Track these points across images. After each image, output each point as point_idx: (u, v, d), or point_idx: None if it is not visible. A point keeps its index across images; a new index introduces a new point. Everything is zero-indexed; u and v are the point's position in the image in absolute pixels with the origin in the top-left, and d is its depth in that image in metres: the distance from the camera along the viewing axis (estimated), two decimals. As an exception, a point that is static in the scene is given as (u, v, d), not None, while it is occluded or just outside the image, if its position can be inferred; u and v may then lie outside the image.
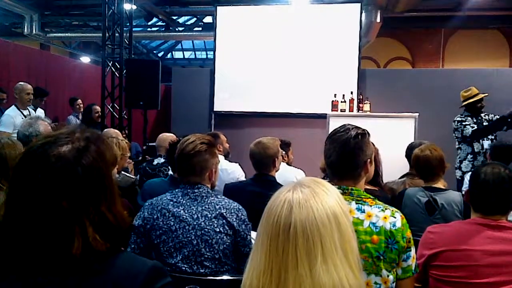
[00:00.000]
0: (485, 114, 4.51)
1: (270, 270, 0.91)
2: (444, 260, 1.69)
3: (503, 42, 9.51)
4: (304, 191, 0.94)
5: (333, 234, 0.91)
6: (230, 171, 3.47)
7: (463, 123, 4.44)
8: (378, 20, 7.59)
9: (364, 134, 1.63)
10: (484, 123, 4.42)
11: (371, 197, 1.61)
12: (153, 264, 0.96)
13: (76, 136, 0.94)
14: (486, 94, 4.50)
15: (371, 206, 1.56)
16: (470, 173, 2.71)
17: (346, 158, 1.59)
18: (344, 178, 1.61)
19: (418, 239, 1.83)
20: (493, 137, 4.40)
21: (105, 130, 4.01)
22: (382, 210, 1.55)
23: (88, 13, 9.18)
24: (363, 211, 1.55)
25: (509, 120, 4.14)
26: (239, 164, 3.57)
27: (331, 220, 0.92)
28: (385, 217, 1.53)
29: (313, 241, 0.89)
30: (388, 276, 1.51)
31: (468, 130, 4.36)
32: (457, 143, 4.58)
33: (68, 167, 0.90)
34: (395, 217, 1.54)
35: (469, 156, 4.44)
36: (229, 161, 3.64)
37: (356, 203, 1.56)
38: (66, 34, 9.80)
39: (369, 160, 1.63)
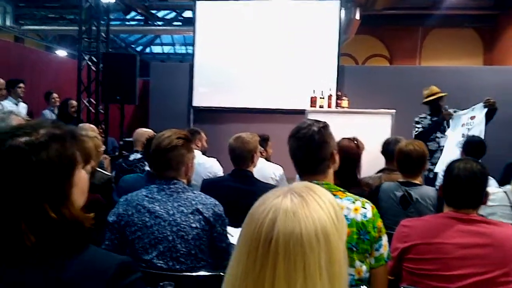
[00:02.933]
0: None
1: (244, 286, 0.78)
2: (417, 253, 1.72)
3: (477, 41, 9.71)
4: (294, 200, 0.80)
5: (320, 255, 0.76)
6: (208, 165, 3.45)
7: (416, 125, 4.56)
8: (357, 17, 7.66)
9: (325, 126, 1.66)
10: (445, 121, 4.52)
11: (341, 189, 1.64)
12: (122, 259, 0.95)
13: (40, 131, 0.93)
14: (445, 94, 4.57)
15: (341, 198, 1.59)
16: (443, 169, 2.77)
17: (314, 154, 1.62)
18: (314, 173, 1.64)
19: (393, 232, 1.86)
20: (442, 136, 4.50)
21: (81, 125, 3.94)
22: (353, 201, 1.58)
23: (64, 5, 8.99)
24: None
25: (444, 123, 4.39)
26: (218, 160, 3.56)
27: (320, 238, 0.77)
28: (356, 209, 1.57)
29: (295, 261, 0.75)
30: (361, 266, 1.55)
31: (415, 133, 4.51)
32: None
33: (18, 158, 0.89)
34: (365, 208, 1.58)
35: (433, 153, 4.53)
36: (207, 156, 3.63)
37: None
38: (42, 27, 9.58)
39: (335, 151, 1.66)
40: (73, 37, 10.72)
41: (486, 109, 4.25)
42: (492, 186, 2.83)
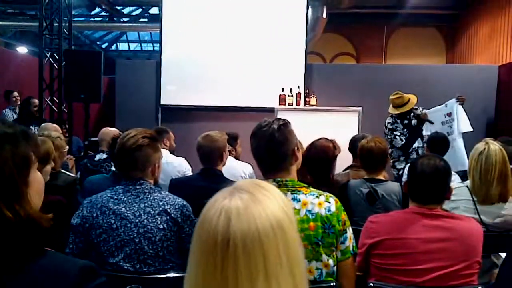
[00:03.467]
0: (412, 114, 4.64)
1: None
2: (384, 249, 1.74)
3: (440, 40, 10.00)
4: (243, 197, 0.79)
5: (278, 246, 0.77)
6: (176, 164, 3.41)
7: (394, 133, 4.60)
8: (324, 15, 7.74)
9: (285, 124, 1.66)
10: (413, 121, 4.61)
11: (305, 185, 1.67)
12: (84, 263, 0.92)
13: None
14: (416, 108, 4.63)
15: (305, 194, 1.62)
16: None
17: (275, 152, 1.63)
18: (277, 171, 1.65)
19: (361, 228, 1.88)
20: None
21: (43, 124, 3.81)
22: (317, 196, 1.62)
23: (24, 0, 8.66)
24: (299, 200, 1.61)
25: (421, 129, 4.50)
26: (186, 159, 3.52)
27: (275, 229, 0.77)
28: (319, 203, 1.60)
29: (255, 258, 0.75)
30: (328, 260, 1.58)
31: (398, 143, 4.55)
32: (388, 144, 4.77)
33: None
34: (329, 202, 1.61)
35: (401, 157, 4.64)
36: (176, 155, 3.58)
37: (292, 193, 1.62)
38: (0, 23, 9.19)
39: (296, 148, 1.67)
40: (34, 34, 10.37)
41: (460, 105, 4.35)
42: (455, 182, 2.92)
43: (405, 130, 4.60)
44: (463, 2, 8.61)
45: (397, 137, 4.59)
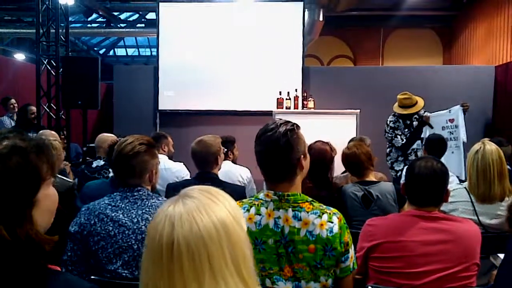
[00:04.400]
0: (416, 116, 4.67)
1: None
2: (382, 252, 1.74)
3: (437, 41, 10.02)
4: (187, 203, 0.83)
5: (223, 246, 0.80)
6: (175, 170, 3.41)
7: (395, 131, 4.64)
8: (321, 18, 7.76)
9: (293, 129, 1.53)
10: (414, 122, 4.63)
11: (308, 200, 1.55)
12: (89, 287, 0.92)
13: (3, 142, 0.87)
14: (422, 112, 4.66)
15: (308, 212, 1.50)
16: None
17: (279, 160, 1.50)
18: (279, 181, 1.54)
19: (359, 232, 1.88)
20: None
21: (41, 131, 3.80)
22: (319, 216, 1.49)
23: (21, 7, 8.67)
24: (300, 219, 1.49)
25: (421, 130, 4.54)
26: (185, 164, 3.51)
27: (219, 230, 0.81)
28: (321, 224, 1.48)
29: (200, 258, 0.78)
30: (326, 280, 1.50)
31: (398, 143, 4.58)
32: (387, 143, 4.78)
33: None
34: (332, 222, 1.49)
35: (400, 158, 4.66)
36: (174, 160, 3.58)
37: (293, 210, 1.50)
38: (-3, 30, 9.22)
39: (302, 156, 1.54)
40: (31, 40, 10.38)
41: (463, 113, 4.34)
42: (454, 183, 2.92)
43: (406, 130, 4.62)
44: (459, 3, 8.63)
45: (398, 136, 4.60)
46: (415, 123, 4.62)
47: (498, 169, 2.24)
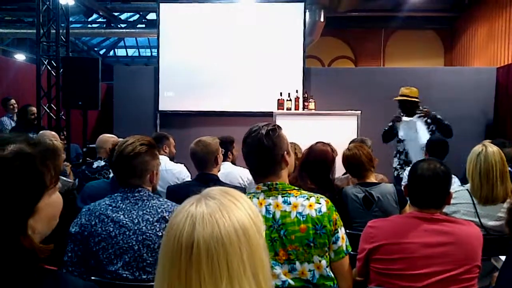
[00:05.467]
0: (419, 115, 4.62)
1: None
2: (384, 254, 1.73)
3: (438, 42, 10.01)
4: (210, 203, 0.82)
5: (242, 251, 0.79)
6: (176, 171, 3.40)
7: (389, 124, 4.66)
8: (322, 19, 7.75)
9: (274, 129, 1.68)
10: (418, 123, 4.60)
11: (296, 188, 1.68)
12: (85, 285, 0.92)
13: (9, 146, 0.85)
14: (418, 101, 4.66)
15: (296, 196, 1.63)
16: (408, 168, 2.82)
17: (264, 158, 1.66)
18: (266, 176, 1.67)
19: (360, 233, 1.87)
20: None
21: (41, 132, 3.80)
22: (307, 198, 1.63)
23: (22, 8, 8.67)
24: (289, 203, 1.62)
25: (393, 126, 4.57)
26: (185, 165, 3.50)
27: (239, 235, 0.79)
28: (310, 205, 1.60)
29: (218, 261, 0.77)
30: (320, 261, 1.59)
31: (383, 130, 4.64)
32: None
33: None
34: (320, 203, 1.62)
35: (398, 154, 4.67)
36: (175, 162, 3.57)
37: (282, 196, 1.63)
38: (-2, 30, 9.21)
39: (285, 152, 1.68)
40: (31, 41, 10.38)
41: (424, 119, 4.44)
42: (455, 185, 2.92)
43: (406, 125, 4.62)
44: (461, 4, 8.63)
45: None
46: (415, 120, 4.58)
47: (500, 170, 2.25)
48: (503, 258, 1.80)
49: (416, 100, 4.59)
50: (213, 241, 0.78)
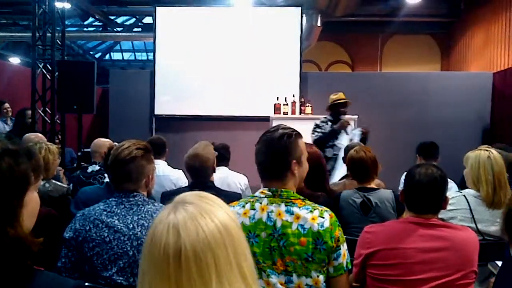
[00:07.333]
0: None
1: None
2: (380, 259, 1.72)
3: (435, 47, 10.04)
4: (188, 209, 0.83)
5: (227, 249, 0.81)
6: (173, 177, 3.36)
7: (316, 129, 4.61)
8: (319, 24, 7.77)
9: (291, 135, 1.62)
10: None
11: (301, 198, 1.61)
12: (75, 284, 0.92)
13: None
14: (350, 102, 4.71)
15: (300, 207, 1.57)
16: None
17: (272, 158, 1.60)
18: (272, 179, 1.62)
19: (357, 239, 1.86)
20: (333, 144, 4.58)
21: (26, 135, 3.76)
22: (311, 211, 1.56)
23: (17, 11, 8.64)
24: (292, 213, 1.56)
25: (337, 132, 4.49)
26: (183, 171, 3.46)
27: (223, 234, 0.81)
28: (313, 218, 1.54)
29: (207, 263, 0.79)
30: (318, 276, 1.53)
31: (313, 138, 4.54)
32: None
33: None
34: (323, 217, 1.55)
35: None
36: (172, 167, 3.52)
37: (286, 205, 1.57)
38: (-7, 33, 9.17)
39: (294, 161, 1.61)
40: (27, 44, 10.34)
41: (360, 137, 4.41)
42: (452, 189, 2.91)
43: (329, 131, 4.59)
44: (458, 10, 8.67)
45: (315, 133, 4.59)
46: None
47: (506, 174, 2.26)
48: (499, 263, 1.79)
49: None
50: (199, 245, 0.79)
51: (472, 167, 2.33)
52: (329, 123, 4.63)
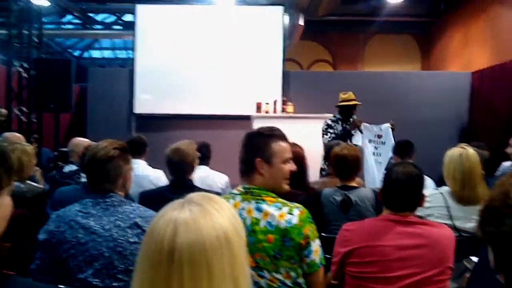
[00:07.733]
0: (352, 120, 4.57)
1: None
2: (359, 257, 1.73)
3: (415, 47, 10.16)
4: (193, 209, 0.82)
5: (223, 258, 0.79)
6: (152, 177, 3.31)
7: (329, 130, 4.51)
8: (301, 23, 7.78)
9: (264, 134, 1.67)
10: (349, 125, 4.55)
11: (273, 195, 1.62)
12: None
13: None
14: (360, 104, 4.66)
15: (269, 204, 1.58)
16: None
17: (241, 155, 1.68)
18: (242, 176, 1.68)
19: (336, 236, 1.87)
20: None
21: (4, 134, 3.68)
22: (280, 208, 1.57)
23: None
24: (261, 210, 1.58)
25: (350, 132, 4.44)
26: (164, 170, 3.42)
27: (221, 241, 0.80)
28: (281, 215, 1.55)
29: (200, 268, 0.77)
30: (288, 272, 1.55)
31: (326, 140, 4.44)
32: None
33: None
34: (292, 214, 1.55)
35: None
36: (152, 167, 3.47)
37: (256, 203, 1.60)
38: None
39: (259, 159, 1.62)
40: (2, 41, 10.09)
41: (391, 131, 4.30)
42: (429, 187, 2.94)
43: (341, 131, 4.55)
44: (437, 10, 8.81)
45: (328, 133, 4.49)
46: (348, 126, 4.53)
47: (480, 171, 2.28)
48: (474, 259, 1.82)
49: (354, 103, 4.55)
50: (195, 248, 0.78)
51: (444, 164, 2.38)
52: (340, 122, 4.55)
